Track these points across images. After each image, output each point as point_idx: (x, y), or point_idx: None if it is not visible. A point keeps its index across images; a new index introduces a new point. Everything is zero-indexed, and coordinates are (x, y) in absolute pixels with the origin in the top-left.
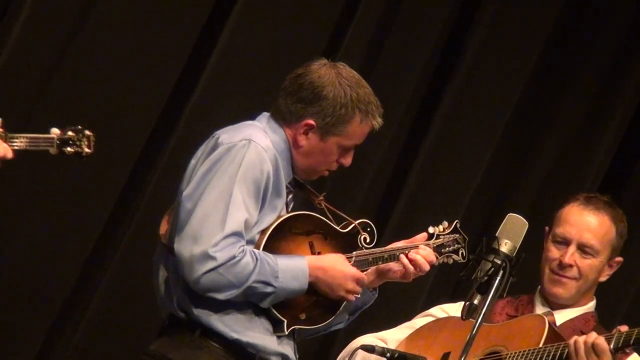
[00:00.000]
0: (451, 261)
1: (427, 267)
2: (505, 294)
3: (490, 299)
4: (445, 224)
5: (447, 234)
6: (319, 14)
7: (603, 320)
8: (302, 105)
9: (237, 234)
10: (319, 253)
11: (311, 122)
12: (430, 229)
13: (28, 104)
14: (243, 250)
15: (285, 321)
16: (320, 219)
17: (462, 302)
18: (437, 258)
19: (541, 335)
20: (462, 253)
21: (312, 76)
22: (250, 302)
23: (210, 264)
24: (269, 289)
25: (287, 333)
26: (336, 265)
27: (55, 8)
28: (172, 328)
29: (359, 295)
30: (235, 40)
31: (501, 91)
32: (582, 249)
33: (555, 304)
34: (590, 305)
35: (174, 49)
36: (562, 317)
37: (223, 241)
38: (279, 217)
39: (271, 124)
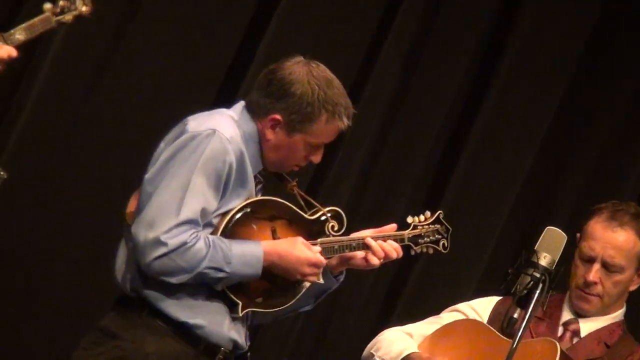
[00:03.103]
0: (431, 251)
1: (393, 255)
2: (545, 307)
3: (530, 312)
4: (428, 214)
5: (428, 224)
6: (355, 30)
7: (633, 326)
8: (271, 100)
9: (191, 222)
10: (279, 239)
11: (278, 117)
12: (409, 219)
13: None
14: (196, 237)
15: (240, 303)
16: (286, 204)
17: (491, 298)
18: (412, 248)
19: None
20: (443, 244)
21: (283, 72)
22: (204, 285)
23: (161, 250)
24: (221, 275)
25: (240, 315)
26: (292, 250)
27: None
28: (122, 306)
29: (319, 280)
30: (271, 55)
31: (539, 102)
32: (607, 267)
33: (582, 313)
34: (619, 314)
35: (212, 65)
36: (587, 327)
37: (176, 228)
38: (241, 202)
39: (244, 114)
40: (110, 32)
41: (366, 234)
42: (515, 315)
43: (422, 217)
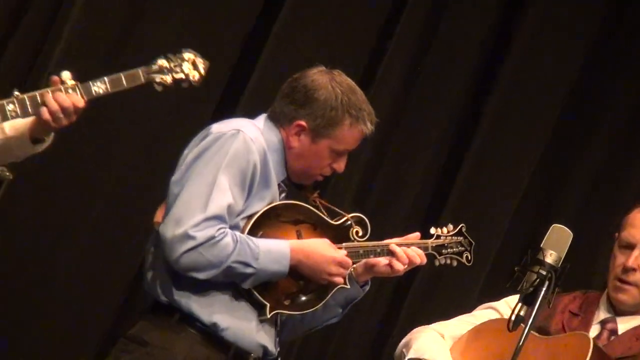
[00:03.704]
0: (455, 263)
1: (417, 261)
2: (550, 305)
3: (536, 310)
4: (450, 226)
5: (451, 235)
6: (358, 36)
7: None
8: (295, 107)
9: (218, 218)
10: None
11: (302, 123)
12: (432, 230)
13: None
14: (223, 232)
15: (268, 305)
16: (311, 209)
17: None
18: (436, 257)
19: (585, 356)
20: (466, 257)
21: (306, 80)
22: (233, 287)
23: (190, 244)
24: (249, 270)
25: (269, 316)
26: (318, 249)
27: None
28: (152, 313)
29: (345, 283)
30: (273, 62)
31: (544, 102)
32: None
33: (620, 310)
34: None
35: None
36: (625, 325)
37: (204, 223)
38: (267, 204)
39: (267, 124)
40: (115, 34)
41: (390, 241)
42: (522, 313)
43: (444, 229)
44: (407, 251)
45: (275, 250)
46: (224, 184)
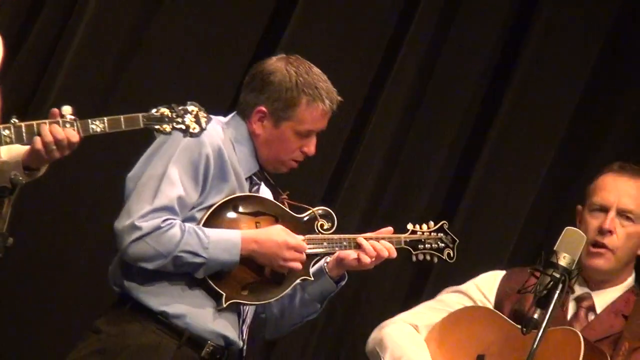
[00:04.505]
0: (435, 260)
1: (385, 254)
2: (564, 307)
3: (550, 312)
4: (431, 223)
5: (429, 232)
6: (370, 37)
7: None
8: (254, 94)
9: (166, 209)
10: None
11: (262, 108)
12: (409, 225)
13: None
14: (171, 223)
15: (224, 294)
16: (274, 202)
17: (494, 274)
18: (412, 253)
19: (578, 356)
20: (448, 254)
21: (263, 66)
22: (188, 276)
23: (136, 234)
24: (198, 260)
25: (225, 306)
26: (271, 236)
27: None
28: (111, 305)
29: (307, 274)
30: None
31: (557, 102)
32: (622, 214)
33: (593, 282)
34: (630, 281)
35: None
36: (601, 300)
37: (150, 214)
38: (226, 196)
39: (235, 119)
40: (128, 33)
41: (361, 235)
42: (536, 316)
43: (424, 226)
44: (374, 244)
45: (226, 240)
46: (173, 176)
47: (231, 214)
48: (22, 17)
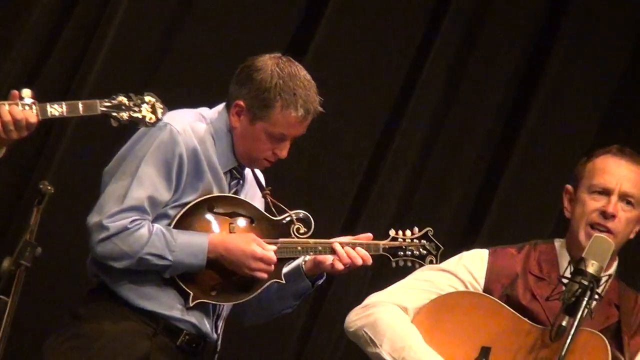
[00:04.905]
0: (417, 266)
1: (359, 262)
2: (592, 316)
3: (579, 320)
4: (416, 229)
5: (411, 239)
6: (399, 42)
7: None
8: (237, 86)
9: (135, 209)
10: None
11: (241, 102)
12: (391, 232)
13: None
14: (139, 224)
15: (192, 294)
16: (250, 204)
17: (479, 252)
18: (391, 259)
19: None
20: (431, 260)
21: (253, 62)
22: (165, 277)
23: (104, 233)
24: (164, 262)
25: (191, 305)
26: (239, 244)
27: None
28: (89, 292)
29: (279, 278)
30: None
31: (586, 108)
32: (625, 199)
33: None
34: (615, 267)
35: None
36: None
37: (118, 214)
38: (200, 195)
39: (222, 111)
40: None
41: (338, 240)
42: (564, 323)
43: (408, 232)
44: (349, 251)
45: (193, 244)
46: (145, 175)
47: (205, 214)
48: (54, 17)
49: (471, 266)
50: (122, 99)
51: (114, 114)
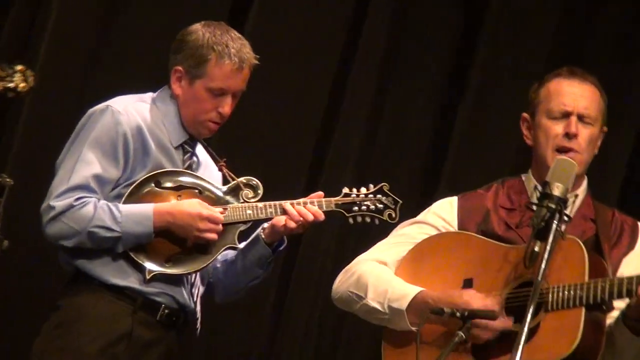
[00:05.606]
0: (377, 222)
1: (310, 217)
2: (564, 237)
3: (551, 243)
4: (371, 186)
5: (366, 194)
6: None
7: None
8: (174, 55)
9: (81, 187)
10: None
11: (179, 67)
12: (344, 189)
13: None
14: (84, 201)
15: (147, 267)
16: (198, 176)
17: (449, 199)
18: (345, 215)
19: (583, 264)
20: (389, 214)
21: (185, 29)
22: (111, 249)
23: (52, 213)
24: (113, 234)
25: (148, 278)
26: (185, 208)
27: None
28: (67, 281)
29: (215, 236)
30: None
31: (534, 34)
32: (582, 119)
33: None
34: (585, 185)
35: None
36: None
37: (65, 194)
38: (148, 171)
39: (163, 92)
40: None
41: (291, 201)
42: (537, 249)
43: (363, 189)
44: (299, 209)
45: (138, 213)
46: (89, 156)
47: (153, 189)
48: None
49: (442, 212)
50: None
51: None
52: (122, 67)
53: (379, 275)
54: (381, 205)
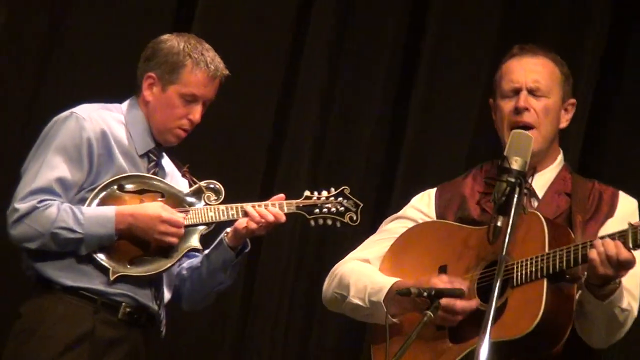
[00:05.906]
0: (338, 224)
1: (270, 218)
2: (525, 211)
3: (513, 217)
4: (332, 190)
5: (327, 197)
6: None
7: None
8: (145, 62)
9: (44, 190)
10: None
11: (151, 74)
12: (306, 192)
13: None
14: (47, 203)
15: (111, 268)
16: (160, 180)
17: (427, 192)
18: (307, 217)
19: (542, 235)
20: (350, 217)
21: (157, 39)
22: (74, 252)
23: (15, 215)
24: (75, 235)
25: (112, 279)
26: (146, 211)
27: None
28: (30, 289)
29: (176, 240)
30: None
31: (472, 58)
32: (533, 92)
33: (528, 166)
34: (560, 159)
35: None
36: (539, 182)
37: (28, 196)
38: (112, 177)
39: (131, 102)
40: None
41: (253, 204)
42: (499, 224)
43: (324, 193)
44: (260, 210)
45: (100, 215)
46: (53, 160)
47: (116, 193)
48: None
49: (420, 205)
50: None
51: None
52: (73, 68)
53: (360, 272)
54: (342, 208)
